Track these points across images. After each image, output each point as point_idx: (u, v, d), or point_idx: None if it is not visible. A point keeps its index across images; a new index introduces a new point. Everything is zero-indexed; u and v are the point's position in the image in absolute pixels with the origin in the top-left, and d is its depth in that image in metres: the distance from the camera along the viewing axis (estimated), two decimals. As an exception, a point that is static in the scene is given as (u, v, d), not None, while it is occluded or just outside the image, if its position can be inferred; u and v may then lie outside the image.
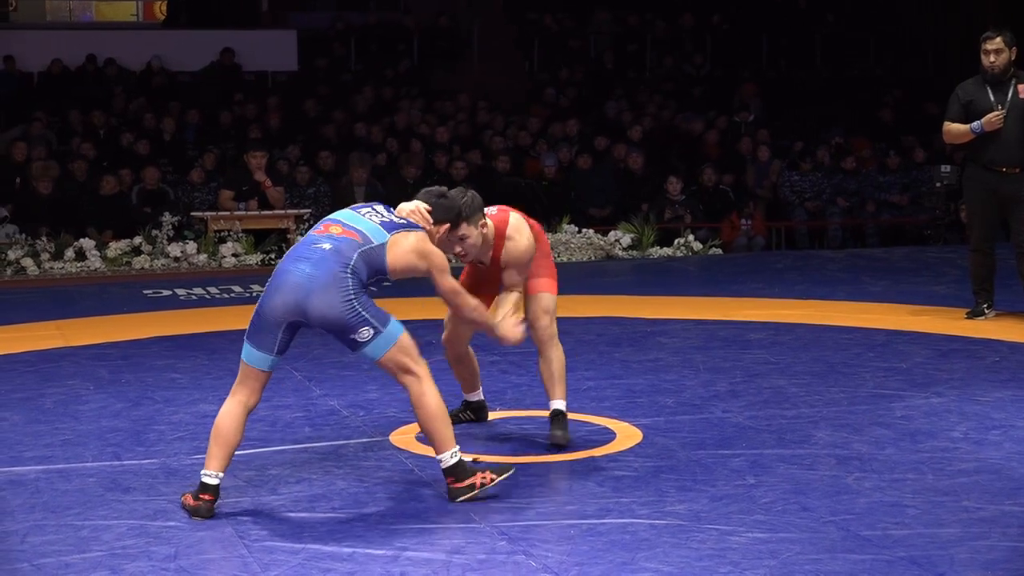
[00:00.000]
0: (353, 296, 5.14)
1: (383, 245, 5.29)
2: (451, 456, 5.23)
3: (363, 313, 5.15)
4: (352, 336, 5.16)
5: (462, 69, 20.74)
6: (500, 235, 6.07)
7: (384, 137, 17.34)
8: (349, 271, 5.17)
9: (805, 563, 4.52)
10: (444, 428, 5.24)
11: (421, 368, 5.26)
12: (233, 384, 5.36)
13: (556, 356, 6.27)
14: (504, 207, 6.25)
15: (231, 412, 5.30)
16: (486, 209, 6.06)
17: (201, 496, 5.22)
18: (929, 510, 5.11)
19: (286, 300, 5.16)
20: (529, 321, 6.18)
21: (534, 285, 6.24)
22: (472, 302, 5.61)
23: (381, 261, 5.27)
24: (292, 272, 5.19)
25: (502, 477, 5.33)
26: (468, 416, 6.71)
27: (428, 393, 5.23)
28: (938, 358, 8.23)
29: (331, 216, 5.49)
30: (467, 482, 5.23)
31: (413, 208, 5.55)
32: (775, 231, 16.37)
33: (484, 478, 5.27)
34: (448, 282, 5.46)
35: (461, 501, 5.22)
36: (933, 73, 21.36)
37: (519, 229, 6.12)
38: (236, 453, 5.98)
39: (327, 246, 5.24)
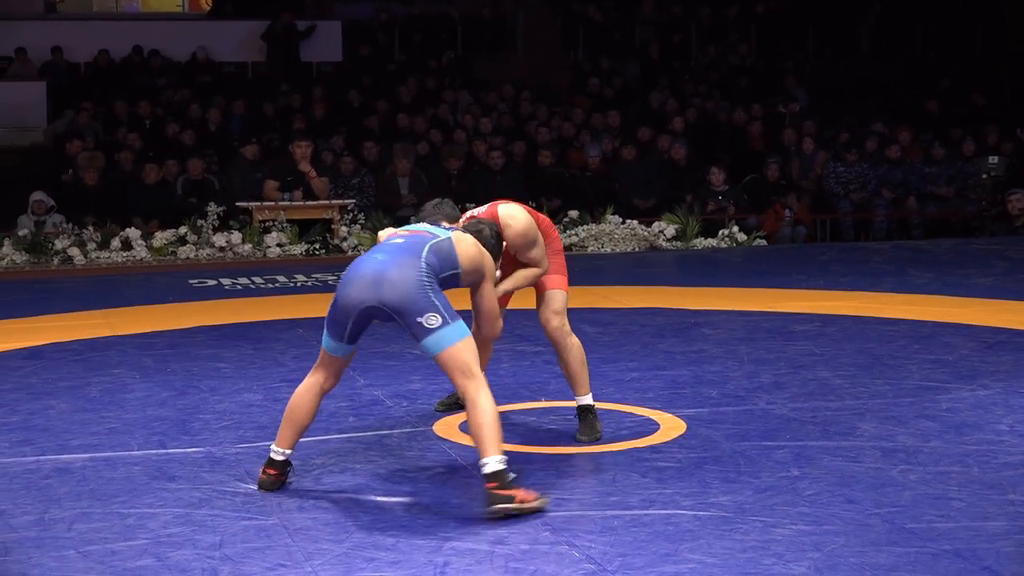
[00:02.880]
0: (427, 281, 5.15)
1: (449, 239, 5.34)
2: (497, 462, 5.00)
3: (434, 299, 5.13)
4: (419, 319, 5.09)
5: (506, 60, 20.73)
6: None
7: (427, 128, 17.37)
8: (423, 260, 5.19)
9: (849, 556, 4.50)
10: (495, 434, 5.04)
11: (480, 373, 5.16)
12: (312, 366, 5.45)
13: (574, 353, 6.21)
14: (495, 201, 6.16)
15: (306, 392, 5.41)
16: (479, 209, 6.08)
17: (267, 470, 5.38)
18: (975, 503, 5.08)
19: (360, 287, 5.17)
20: (541, 322, 6.18)
21: (544, 283, 6.17)
22: (499, 325, 5.66)
23: (451, 252, 5.29)
24: (366, 262, 5.24)
25: (538, 503, 5.04)
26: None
27: (484, 398, 5.08)
28: (984, 350, 8.18)
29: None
30: (509, 492, 4.99)
31: None
32: (820, 223, 16.30)
33: (526, 497, 5.00)
34: (491, 291, 5.52)
35: (498, 508, 4.98)
36: (981, 64, 21.20)
37: (512, 215, 6.02)
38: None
39: (399, 240, 5.33)
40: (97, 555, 4.63)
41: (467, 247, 5.38)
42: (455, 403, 6.74)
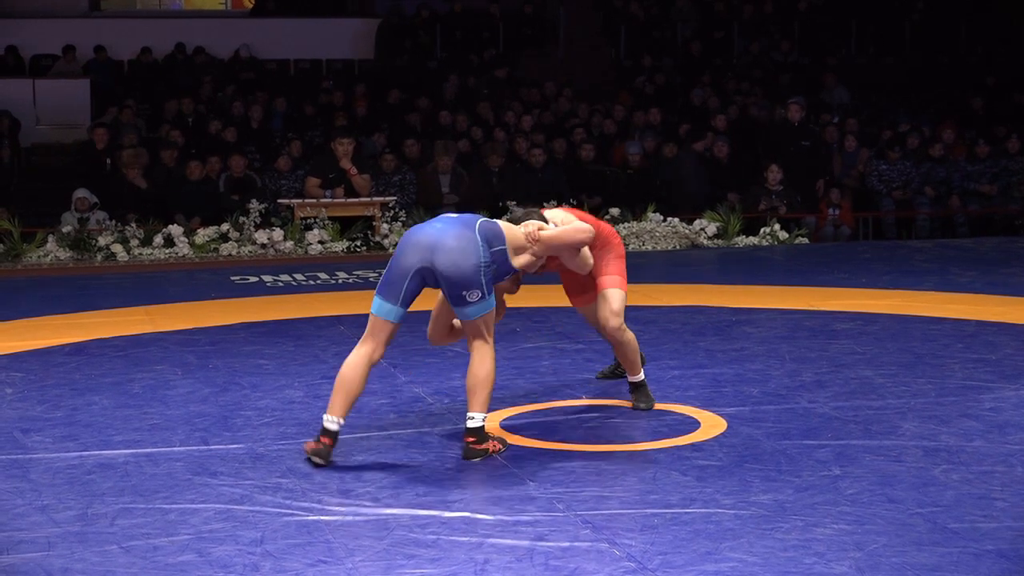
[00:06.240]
0: (481, 263, 5.65)
1: (496, 222, 5.92)
2: (482, 419, 5.75)
3: (482, 279, 5.68)
4: (464, 293, 5.67)
5: (547, 57, 20.72)
6: None
7: (469, 125, 17.37)
8: (477, 232, 5.70)
9: (891, 555, 4.48)
10: (488, 392, 5.75)
11: (491, 339, 5.80)
12: (360, 339, 5.85)
13: (630, 344, 6.62)
14: (564, 207, 6.65)
15: (355, 362, 5.79)
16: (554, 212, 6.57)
17: (322, 439, 5.71)
18: (1018, 503, 5.05)
19: (417, 250, 5.69)
20: (600, 319, 6.55)
21: (604, 282, 6.56)
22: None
23: (499, 230, 5.85)
24: (423, 229, 5.76)
25: (504, 449, 5.86)
26: None
27: (489, 359, 5.76)
28: (1028, 349, 8.13)
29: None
30: (483, 446, 5.76)
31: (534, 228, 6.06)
32: (862, 221, 16.22)
33: (494, 446, 5.80)
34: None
35: (473, 461, 5.72)
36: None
37: (553, 218, 6.36)
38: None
39: (453, 214, 5.88)
40: (139, 550, 4.66)
41: (511, 228, 5.98)
42: (613, 372, 7.26)
